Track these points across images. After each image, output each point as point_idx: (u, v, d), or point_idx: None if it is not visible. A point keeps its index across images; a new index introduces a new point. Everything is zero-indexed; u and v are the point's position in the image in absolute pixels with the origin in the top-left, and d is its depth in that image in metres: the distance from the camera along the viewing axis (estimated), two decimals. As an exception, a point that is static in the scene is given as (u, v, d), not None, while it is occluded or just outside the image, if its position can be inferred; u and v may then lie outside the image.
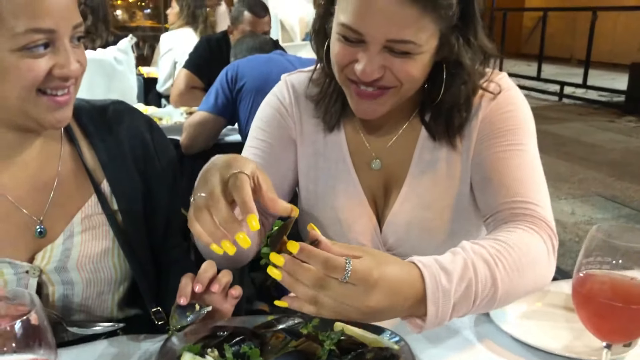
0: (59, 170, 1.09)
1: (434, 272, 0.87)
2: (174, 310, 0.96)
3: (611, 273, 0.82)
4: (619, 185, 5.21)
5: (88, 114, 1.15)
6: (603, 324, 0.81)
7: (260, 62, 2.63)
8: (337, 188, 1.26)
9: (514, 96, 1.19)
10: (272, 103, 1.30)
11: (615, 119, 8.31)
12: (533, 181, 1.12)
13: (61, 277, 1.06)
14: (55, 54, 0.95)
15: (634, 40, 9.23)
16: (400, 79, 1.07)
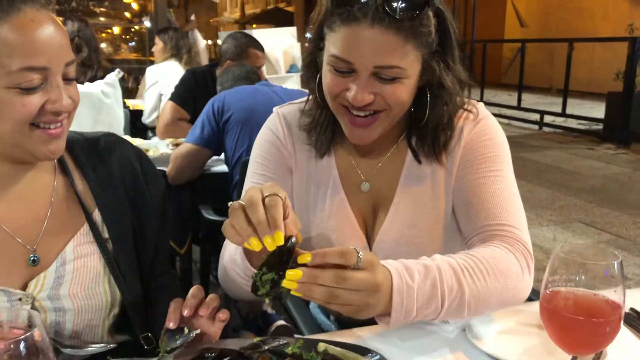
0: (52, 201, 1.13)
1: (397, 268, 1.00)
2: (164, 333, 0.99)
3: (575, 290, 0.88)
4: (598, 212, 5.32)
5: (80, 145, 1.20)
6: (568, 337, 0.86)
7: (246, 94, 2.68)
8: (328, 210, 1.33)
9: (492, 124, 1.30)
10: (267, 137, 1.38)
11: (594, 147, 8.49)
12: (511, 205, 1.21)
13: (53, 305, 1.09)
14: (48, 90, 0.99)
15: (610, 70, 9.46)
16: (390, 103, 1.16)
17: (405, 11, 1.08)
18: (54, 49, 0.99)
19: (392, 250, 1.29)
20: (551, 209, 5.37)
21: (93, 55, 3.15)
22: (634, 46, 8.22)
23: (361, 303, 0.94)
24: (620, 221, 5.02)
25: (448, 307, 1.03)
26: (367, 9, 1.08)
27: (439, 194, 1.29)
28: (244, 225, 0.92)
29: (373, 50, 1.11)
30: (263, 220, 0.90)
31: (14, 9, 0.96)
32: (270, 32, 7.02)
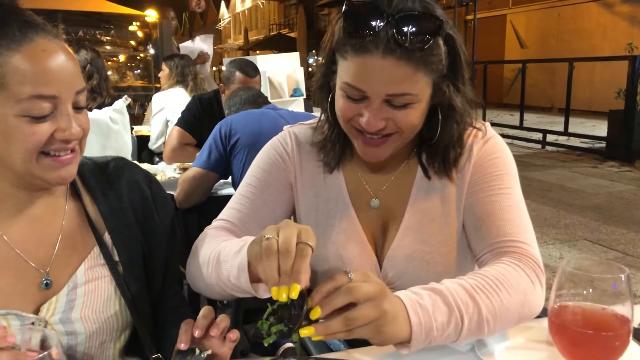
0: (63, 224, 1.14)
1: (405, 293, 1.02)
2: (175, 354, 1.00)
3: (584, 304, 0.89)
4: (604, 229, 5.30)
5: (90, 170, 1.22)
6: (577, 351, 0.87)
7: (253, 118, 2.71)
8: (337, 226, 1.34)
9: (499, 143, 1.33)
10: (275, 146, 1.41)
11: (598, 165, 8.49)
12: (521, 221, 1.23)
13: (65, 328, 1.09)
14: (58, 119, 1.01)
15: (611, 88, 9.53)
16: (401, 127, 1.18)
17: (416, 42, 1.10)
18: (64, 77, 1.01)
19: (403, 266, 1.30)
20: (556, 228, 5.36)
21: (102, 84, 3.23)
22: (634, 64, 8.27)
23: (378, 332, 0.95)
24: (627, 239, 5.01)
25: (469, 324, 1.02)
26: (378, 40, 1.10)
27: (450, 210, 1.31)
28: (275, 274, 0.92)
29: (385, 79, 1.13)
30: (289, 272, 0.91)
31: (26, 40, 0.98)
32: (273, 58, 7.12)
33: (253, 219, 1.34)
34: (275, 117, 2.70)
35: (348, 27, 1.14)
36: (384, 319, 0.94)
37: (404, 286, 1.29)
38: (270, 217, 1.36)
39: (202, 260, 1.20)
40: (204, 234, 1.31)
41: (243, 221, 1.34)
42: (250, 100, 2.97)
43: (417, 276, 1.29)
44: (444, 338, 1.02)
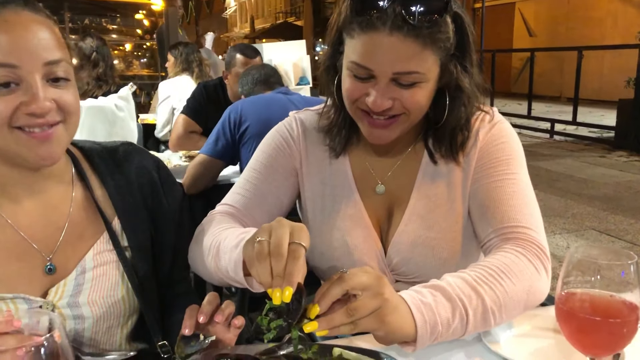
0: (70, 211, 1.14)
1: (406, 292, 1.01)
2: (179, 340, 1.00)
3: (591, 291, 0.88)
4: (612, 219, 5.27)
5: (99, 154, 1.21)
6: (585, 339, 0.85)
7: (262, 105, 2.68)
8: (342, 212, 1.33)
9: (506, 128, 1.31)
10: (281, 132, 1.40)
11: (606, 154, 8.43)
12: (526, 207, 1.21)
13: (72, 312, 1.10)
14: (22, 92, 0.97)
15: (621, 77, 9.42)
16: (408, 107, 1.17)
17: (423, 19, 1.09)
18: (29, 47, 0.97)
19: (408, 252, 1.29)
20: (564, 217, 5.33)
21: (108, 71, 3.23)
22: (644, 53, 8.18)
23: (382, 323, 0.94)
24: (635, 229, 4.97)
25: (474, 317, 1.01)
26: (386, 17, 1.10)
27: (456, 196, 1.30)
28: (269, 278, 0.91)
29: (392, 57, 1.12)
30: (281, 274, 0.90)
31: None
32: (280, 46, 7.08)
33: (257, 205, 1.34)
34: (285, 103, 2.67)
35: (355, 5, 1.13)
36: (386, 308, 0.93)
37: (409, 272, 1.29)
38: (275, 203, 1.36)
39: (204, 247, 1.19)
40: (208, 219, 1.31)
41: (247, 207, 1.33)
42: (262, 80, 2.93)
43: (422, 262, 1.29)
44: (450, 333, 1.01)
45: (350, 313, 0.92)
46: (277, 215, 1.37)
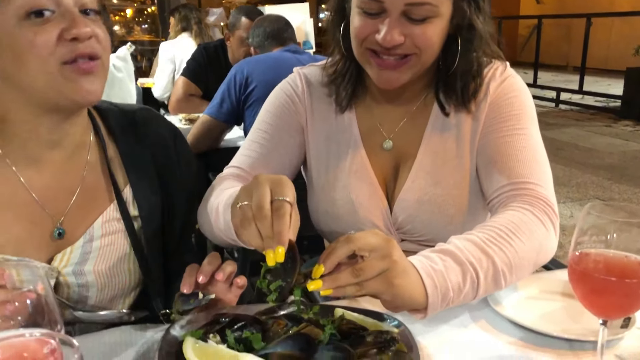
0: (84, 175, 1.10)
1: (415, 257, 0.96)
2: (177, 297, 0.97)
3: (606, 251, 0.83)
4: (616, 189, 5.23)
5: (116, 118, 1.16)
6: (599, 300, 0.82)
7: (269, 66, 2.60)
8: (348, 169, 1.29)
9: (518, 82, 1.26)
10: (284, 89, 1.36)
11: (612, 124, 8.34)
12: (535, 163, 1.17)
13: (77, 280, 1.07)
14: (60, 20, 0.94)
15: (629, 45, 9.28)
16: (419, 45, 1.12)
17: None
18: None
19: (414, 210, 1.25)
20: (568, 187, 5.29)
21: None
22: (654, 20, 8.02)
23: (390, 285, 0.89)
24: (639, 198, 4.94)
25: (484, 280, 0.97)
26: None
27: (464, 151, 1.25)
28: (257, 240, 0.88)
29: None
30: (270, 235, 0.86)
31: None
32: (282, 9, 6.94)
33: (264, 165, 1.30)
34: (293, 63, 2.58)
35: None
36: (394, 270, 0.89)
37: (415, 231, 1.25)
38: (282, 162, 1.32)
39: (207, 209, 1.16)
40: (215, 182, 1.27)
41: (254, 167, 1.29)
42: (274, 34, 2.84)
43: (428, 220, 1.25)
44: (461, 298, 0.97)
45: (357, 273, 0.88)
46: (289, 175, 1.33)
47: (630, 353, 0.95)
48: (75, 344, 0.47)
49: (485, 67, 1.24)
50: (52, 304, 0.59)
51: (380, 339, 0.90)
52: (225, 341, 0.90)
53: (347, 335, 0.91)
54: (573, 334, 0.97)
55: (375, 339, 0.90)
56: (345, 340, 0.90)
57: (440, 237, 1.23)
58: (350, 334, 0.92)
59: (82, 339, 0.98)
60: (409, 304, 0.92)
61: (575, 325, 1.02)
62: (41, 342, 0.53)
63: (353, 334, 0.92)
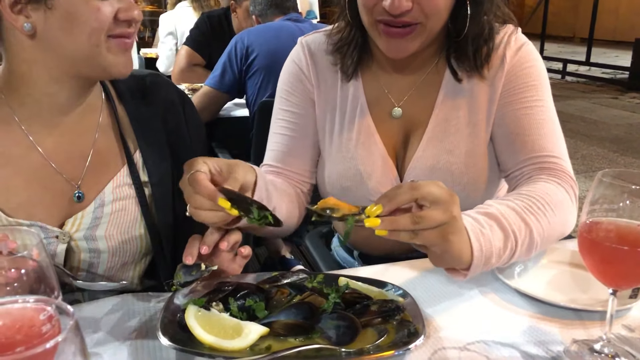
0: (96, 138, 1.09)
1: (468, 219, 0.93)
2: (179, 268, 0.95)
3: (617, 220, 0.81)
4: (622, 161, 5.19)
5: (126, 82, 1.15)
6: (609, 269, 0.80)
7: (271, 35, 2.56)
8: (355, 139, 1.27)
9: (533, 51, 1.24)
10: (291, 69, 1.33)
11: (619, 96, 8.26)
12: (555, 136, 1.17)
13: (89, 245, 1.06)
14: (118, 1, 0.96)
15: (638, 16, 9.12)
16: (427, 11, 1.10)
17: None
18: None
19: (426, 178, 1.22)
20: (573, 159, 5.24)
21: None
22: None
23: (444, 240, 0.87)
24: (646, 170, 4.91)
25: (520, 248, 0.97)
26: None
27: (478, 120, 1.22)
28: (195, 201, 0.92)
29: None
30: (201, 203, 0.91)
31: None
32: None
33: (293, 155, 1.31)
34: (294, 32, 2.55)
35: None
36: (452, 225, 0.87)
37: None
38: (310, 146, 1.32)
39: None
40: None
41: (284, 160, 1.31)
42: (277, 2, 2.78)
43: None
44: (497, 263, 0.96)
45: (416, 220, 0.85)
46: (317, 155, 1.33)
47: (639, 323, 0.93)
48: (70, 311, 0.46)
49: (497, 30, 1.21)
50: (48, 271, 0.57)
51: (385, 307, 0.89)
52: (228, 310, 0.89)
53: (351, 304, 0.90)
54: (581, 304, 0.96)
55: (380, 308, 0.89)
56: (350, 309, 0.89)
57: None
58: (355, 303, 0.91)
59: (84, 307, 0.97)
60: (454, 262, 0.91)
61: (583, 295, 1.01)
62: (37, 309, 0.51)
63: (357, 303, 0.90)
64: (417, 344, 0.80)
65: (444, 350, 0.85)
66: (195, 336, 0.80)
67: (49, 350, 0.42)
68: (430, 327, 0.91)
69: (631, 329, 0.92)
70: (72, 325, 0.44)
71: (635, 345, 0.87)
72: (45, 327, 0.50)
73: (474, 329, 0.91)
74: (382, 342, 0.83)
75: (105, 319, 0.92)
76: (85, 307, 0.97)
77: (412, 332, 0.83)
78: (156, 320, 0.85)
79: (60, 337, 0.42)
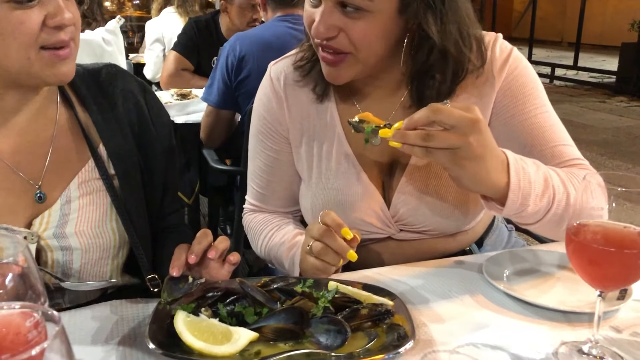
0: (54, 135, 1.07)
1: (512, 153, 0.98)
2: (166, 282, 0.92)
3: (604, 222, 0.82)
4: (610, 164, 5.23)
5: (81, 77, 1.13)
6: (597, 271, 0.80)
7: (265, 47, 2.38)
8: (334, 169, 1.23)
9: (520, 57, 1.20)
10: (261, 111, 1.31)
11: (606, 100, 8.33)
12: (568, 138, 1.18)
13: (60, 243, 1.05)
14: (45, 4, 0.93)
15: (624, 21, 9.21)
16: (355, 42, 1.06)
17: None
18: None
19: (415, 203, 1.19)
20: (562, 162, 5.29)
21: (95, 8, 3.05)
22: (651, -6, 7.97)
23: (456, 165, 0.90)
24: (633, 173, 4.94)
25: (556, 207, 0.99)
26: None
27: None
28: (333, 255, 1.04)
29: None
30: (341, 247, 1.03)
31: None
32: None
33: (273, 197, 1.34)
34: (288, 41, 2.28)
35: None
36: (466, 151, 0.88)
37: (416, 222, 1.21)
38: (286, 188, 1.33)
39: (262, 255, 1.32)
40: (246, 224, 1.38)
41: (265, 201, 1.35)
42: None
43: (430, 212, 1.19)
44: (533, 213, 0.98)
45: (425, 137, 0.88)
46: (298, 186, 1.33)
47: (626, 325, 0.94)
48: (57, 317, 0.45)
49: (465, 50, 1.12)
50: (34, 276, 0.57)
51: (375, 311, 0.89)
52: (217, 315, 0.88)
53: (341, 309, 0.90)
54: (569, 306, 0.97)
55: (370, 312, 0.89)
56: (340, 313, 0.89)
57: (442, 225, 1.22)
58: (345, 307, 0.90)
59: (71, 314, 0.96)
60: (476, 187, 0.95)
61: (571, 297, 1.02)
62: (23, 315, 0.51)
63: (347, 307, 0.90)
64: (407, 347, 0.81)
65: (434, 353, 0.85)
66: (185, 342, 0.80)
67: (35, 357, 0.41)
68: (420, 331, 0.91)
69: (619, 330, 0.92)
70: (59, 331, 0.43)
71: (622, 346, 0.87)
72: (31, 334, 0.49)
73: (463, 332, 0.91)
74: (372, 345, 0.83)
75: (93, 326, 0.92)
76: (72, 314, 0.96)
77: (402, 336, 0.83)
78: (145, 326, 0.84)
79: (46, 344, 0.42)
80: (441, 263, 1.17)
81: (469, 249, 1.32)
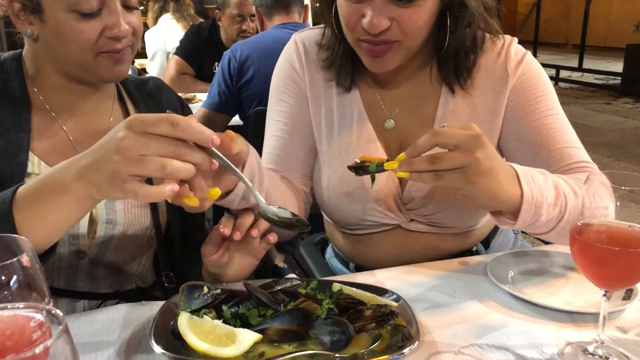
0: (111, 121, 1.15)
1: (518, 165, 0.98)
2: (182, 290, 0.92)
3: (609, 222, 0.82)
4: (616, 166, 5.21)
5: (132, 83, 1.25)
6: (601, 270, 0.80)
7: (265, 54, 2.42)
8: (355, 143, 1.24)
9: (534, 60, 1.23)
10: (284, 70, 1.32)
11: (612, 101, 8.30)
12: (577, 142, 1.18)
13: (107, 215, 1.09)
14: (105, 17, 1.01)
15: (629, 22, 9.21)
16: (406, 30, 1.08)
17: None
18: None
19: (427, 193, 1.20)
20: (568, 164, 5.27)
21: None
22: (655, -5, 7.95)
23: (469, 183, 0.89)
24: (639, 175, 4.93)
25: (569, 215, 0.99)
26: None
27: None
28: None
29: None
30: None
31: None
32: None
33: (290, 157, 1.30)
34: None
35: None
36: (476, 168, 0.88)
37: (428, 212, 1.22)
38: (304, 149, 1.30)
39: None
40: None
41: (280, 162, 1.29)
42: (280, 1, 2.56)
43: (443, 201, 1.20)
44: (545, 222, 0.98)
45: (433, 161, 0.88)
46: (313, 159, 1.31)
47: (632, 325, 0.93)
48: (61, 317, 0.46)
49: (485, 42, 1.19)
50: (39, 278, 0.57)
51: (379, 312, 0.88)
52: (221, 317, 0.88)
53: (345, 310, 0.90)
54: (574, 306, 0.96)
55: (374, 313, 0.88)
56: (344, 314, 0.89)
57: (453, 217, 1.22)
58: (349, 308, 0.90)
59: (75, 317, 0.96)
60: (493, 204, 0.94)
61: (576, 297, 1.01)
62: (28, 316, 0.51)
63: (351, 309, 0.90)
64: (412, 348, 0.80)
65: (438, 354, 0.85)
66: (189, 344, 0.80)
67: (39, 355, 0.42)
68: (424, 331, 0.90)
69: (624, 331, 0.92)
70: (62, 330, 0.43)
71: (628, 346, 0.87)
72: (35, 334, 0.49)
73: (468, 333, 0.91)
74: (376, 347, 0.82)
75: (98, 328, 0.92)
76: (77, 317, 0.96)
77: (406, 337, 0.83)
78: (149, 329, 0.84)
79: (49, 342, 0.42)
80: (446, 264, 1.17)
81: (475, 249, 1.32)
